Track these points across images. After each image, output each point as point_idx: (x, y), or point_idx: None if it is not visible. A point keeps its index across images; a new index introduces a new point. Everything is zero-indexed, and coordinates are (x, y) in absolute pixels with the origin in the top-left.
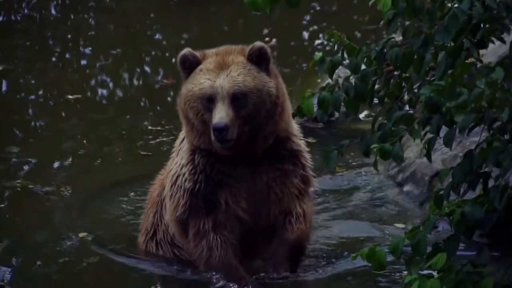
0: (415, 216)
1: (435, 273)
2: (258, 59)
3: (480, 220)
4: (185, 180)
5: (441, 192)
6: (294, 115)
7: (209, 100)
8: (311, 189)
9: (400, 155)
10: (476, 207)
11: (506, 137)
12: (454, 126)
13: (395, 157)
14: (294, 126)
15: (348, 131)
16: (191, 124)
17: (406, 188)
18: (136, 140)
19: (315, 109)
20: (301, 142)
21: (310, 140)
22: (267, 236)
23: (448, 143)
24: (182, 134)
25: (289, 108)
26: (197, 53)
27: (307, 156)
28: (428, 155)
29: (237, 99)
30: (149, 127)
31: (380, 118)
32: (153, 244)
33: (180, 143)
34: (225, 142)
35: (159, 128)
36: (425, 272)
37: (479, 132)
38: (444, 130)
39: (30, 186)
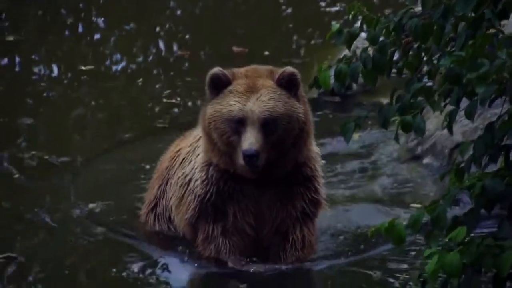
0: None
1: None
2: (288, 84)
3: (500, 194)
4: (197, 187)
5: (462, 165)
6: (310, 87)
7: (238, 123)
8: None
9: (421, 128)
10: (497, 180)
11: None
12: (475, 97)
13: (416, 129)
14: (314, 149)
15: (365, 104)
16: (213, 144)
17: (426, 160)
18: (150, 111)
19: (332, 82)
20: (317, 166)
21: (327, 112)
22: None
23: (469, 115)
24: (206, 105)
25: (313, 132)
26: (228, 73)
27: (321, 180)
28: (450, 128)
29: (267, 124)
30: (164, 100)
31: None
32: (152, 217)
33: (199, 140)
34: (255, 168)
35: (173, 100)
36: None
37: (501, 104)
38: (464, 101)
39: (45, 157)
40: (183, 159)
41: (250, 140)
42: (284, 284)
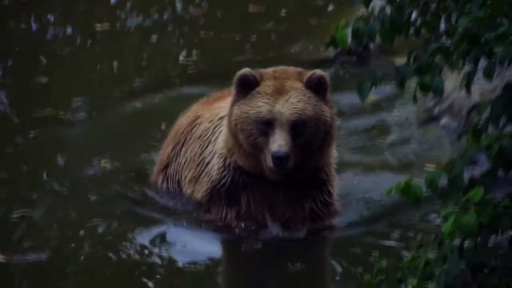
0: (450, 153)
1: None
2: (317, 87)
3: None
4: (213, 172)
5: (479, 126)
6: (327, 46)
7: (266, 125)
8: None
9: (440, 88)
10: None
11: None
12: (494, 57)
13: (435, 90)
14: (332, 154)
15: (382, 64)
16: (239, 145)
17: (443, 121)
18: (165, 68)
19: (349, 41)
20: (332, 170)
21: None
22: None
23: (488, 75)
24: (233, 105)
25: (336, 136)
26: (256, 74)
27: (335, 184)
28: (468, 88)
29: (296, 126)
30: (179, 58)
31: None
32: (162, 176)
33: (220, 119)
34: (284, 170)
35: (188, 59)
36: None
37: None
38: (482, 61)
39: (61, 113)
40: (201, 135)
41: (279, 142)
42: (298, 245)
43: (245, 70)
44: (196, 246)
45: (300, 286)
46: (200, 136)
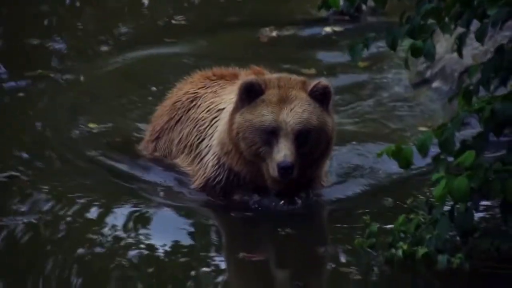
0: (442, 116)
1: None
2: (321, 97)
3: (510, 117)
4: (207, 168)
5: (471, 88)
6: (319, 8)
7: (270, 134)
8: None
9: (432, 53)
10: (506, 103)
11: None
12: (486, 20)
13: (427, 54)
14: (326, 164)
15: (374, 23)
16: (239, 153)
17: (435, 84)
18: (157, 29)
19: (342, 1)
20: (325, 180)
21: (336, 29)
22: None
23: (480, 37)
24: (235, 112)
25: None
26: (261, 82)
27: (324, 182)
28: (459, 51)
29: (300, 136)
30: (172, 20)
31: None
32: (152, 146)
33: (219, 111)
34: (289, 180)
35: (182, 21)
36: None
37: None
38: (475, 24)
39: (51, 75)
40: (198, 124)
41: (284, 151)
42: (288, 213)
43: (251, 77)
44: (185, 216)
45: (289, 249)
46: (197, 123)
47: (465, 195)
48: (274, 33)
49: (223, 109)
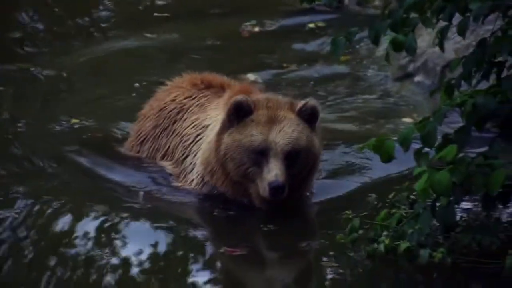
0: (425, 109)
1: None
2: (310, 117)
3: (492, 111)
4: (192, 184)
5: (453, 82)
6: (301, 2)
7: (259, 154)
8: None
9: (413, 47)
10: (488, 97)
11: None
12: (468, 14)
13: (408, 48)
14: (311, 184)
15: (358, 16)
16: (225, 174)
17: (417, 78)
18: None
19: None
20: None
21: (320, 24)
22: None
23: (461, 31)
24: (222, 133)
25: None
26: (250, 102)
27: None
28: (441, 44)
29: (289, 156)
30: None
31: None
32: (137, 149)
33: (202, 127)
34: (280, 200)
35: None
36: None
37: (494, 20)
38: (457, 18)
39: (31, 68)
40: (183, 139)
41: (275, 171)
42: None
43: (241, 96)
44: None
45: (271, 244)
46: (182, 138)
47: (447, 189)
48: (256, 28)
49: (208, 125)
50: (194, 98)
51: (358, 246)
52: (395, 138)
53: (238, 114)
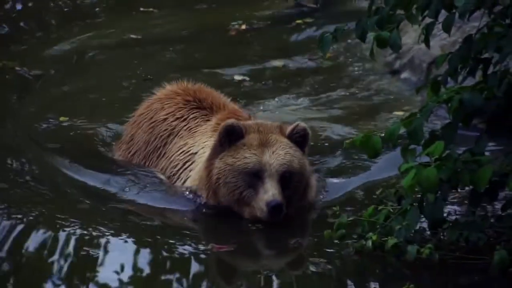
0: (414, 103)
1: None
2: (300, 139)
3: (479, 107)
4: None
5: (439, 78)
6: None
7: (253, 177)
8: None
9: (398, 43)
10: (475, 93)
11: (508, 21)
12: (454, 10)
13: (392, 45)
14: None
15: (344, 12)
16: (217, 201)
17: (404, 75)
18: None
19: None
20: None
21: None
22: None
23: (447, 28)
24: (213, 158)
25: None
26: (241, 126)
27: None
28: (426, 41)
29: (283, 177)
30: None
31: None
32: (129, 158)
33: (191, 153)
34: (279, 219)
35: None
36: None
37: (480, 17)
38: (443, 14)
39: (17, 68)
40: (170, 164)
41: (272, 191)
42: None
43: (231, 121)
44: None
45: (259, 241)
46: (170, 163)
47: (434, 185)
48: (243, 26)
49: (196, 153)
50: (184, 120)
51: (346, 242)
52: (382, 134)
53: (230, 138)
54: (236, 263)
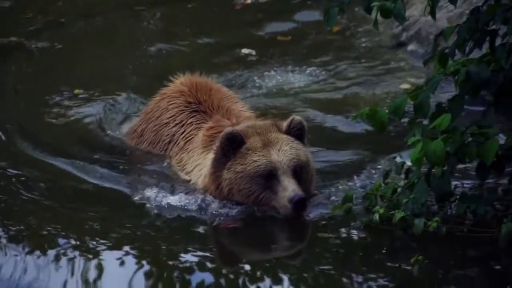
0: (421, 75)
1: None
2: (299, 132)
3: (486, 79)
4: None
5: (446, 51)
6: None
7: (267, 178)
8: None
9: (402, 14)
10: (482, 65)
11: None
12: None
13: (397, 15)
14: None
15: None
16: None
17: (410, 47)
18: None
19: None
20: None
21: None
22: None
23: (453, 0)
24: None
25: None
26: (240, 132)
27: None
28: (432, 13)
29: (296, 171)
30: None
31: None
32: (138, 143)
33: (196, 152)
34: (303, 212)
35: None
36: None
37: None
38: None
39: (24, 42)
40: (181, 162)
41: (291, 187)
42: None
43: (231, 129)
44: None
45: (266, 217)
46: (180, 160)
47: (441, 158)
48: (248, 0)
49: (190, 171)
50: (182, 125)
51: (353, 216)
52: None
53: (232, 146)
54: (242, 239)
